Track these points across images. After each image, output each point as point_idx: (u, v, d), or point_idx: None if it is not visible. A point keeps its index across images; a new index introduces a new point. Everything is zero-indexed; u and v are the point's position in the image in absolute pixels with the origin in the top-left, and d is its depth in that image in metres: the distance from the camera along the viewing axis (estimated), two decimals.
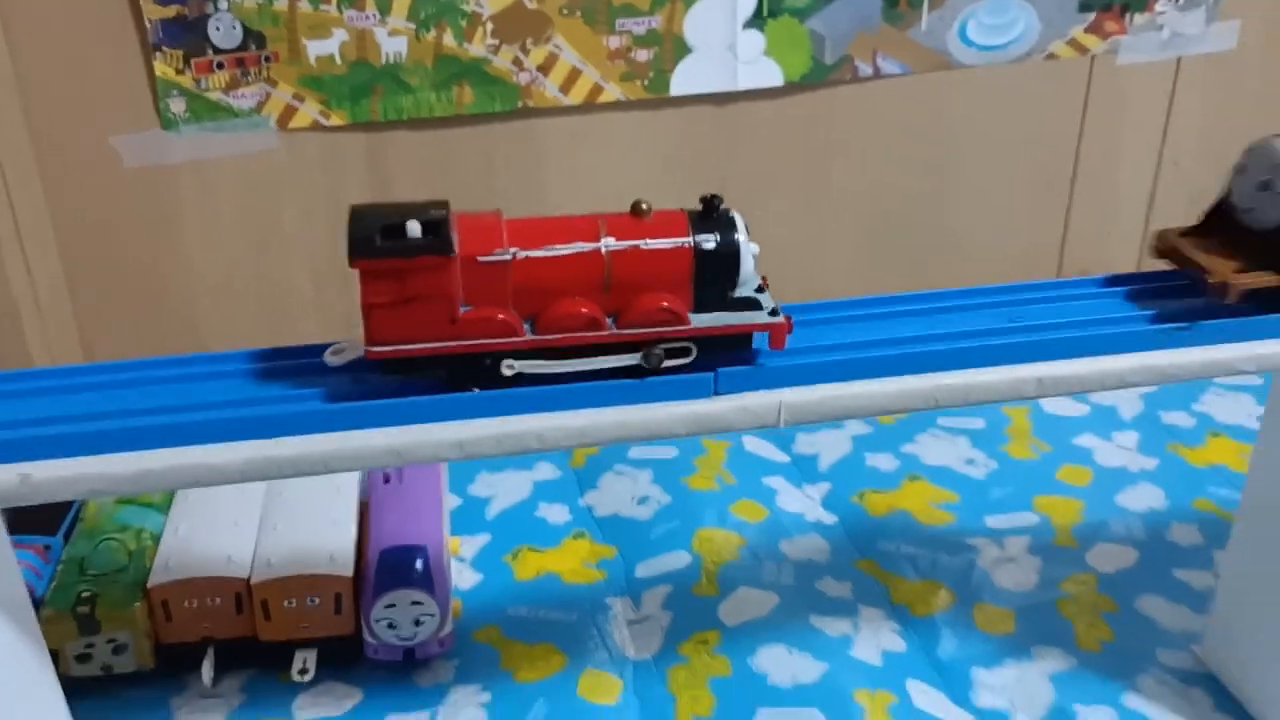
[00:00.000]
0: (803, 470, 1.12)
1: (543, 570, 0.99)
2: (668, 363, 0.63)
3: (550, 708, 0.84)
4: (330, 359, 0.63)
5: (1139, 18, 1.26)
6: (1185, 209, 1.37)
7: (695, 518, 1.04)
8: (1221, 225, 0.71)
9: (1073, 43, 1.26)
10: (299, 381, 0.63)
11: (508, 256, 0.60)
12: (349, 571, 0.86)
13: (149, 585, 0.84)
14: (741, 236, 0.62)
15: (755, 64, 1.19)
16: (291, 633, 0.86)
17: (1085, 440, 1.15)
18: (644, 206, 0.62)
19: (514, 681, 0.87)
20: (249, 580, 0.84)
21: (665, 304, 0.62)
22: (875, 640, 0.89)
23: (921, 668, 0.87)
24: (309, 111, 1.11)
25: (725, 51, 1.17)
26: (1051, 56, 1.26)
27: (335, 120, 1.12)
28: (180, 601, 0.84)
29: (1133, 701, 0.84)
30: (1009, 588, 0.95)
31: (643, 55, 1.16)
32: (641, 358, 0.62)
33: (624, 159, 1.21)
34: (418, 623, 0.85)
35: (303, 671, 0.86)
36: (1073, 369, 0.66)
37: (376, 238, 0.58)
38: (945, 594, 0.95)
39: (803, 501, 1.07)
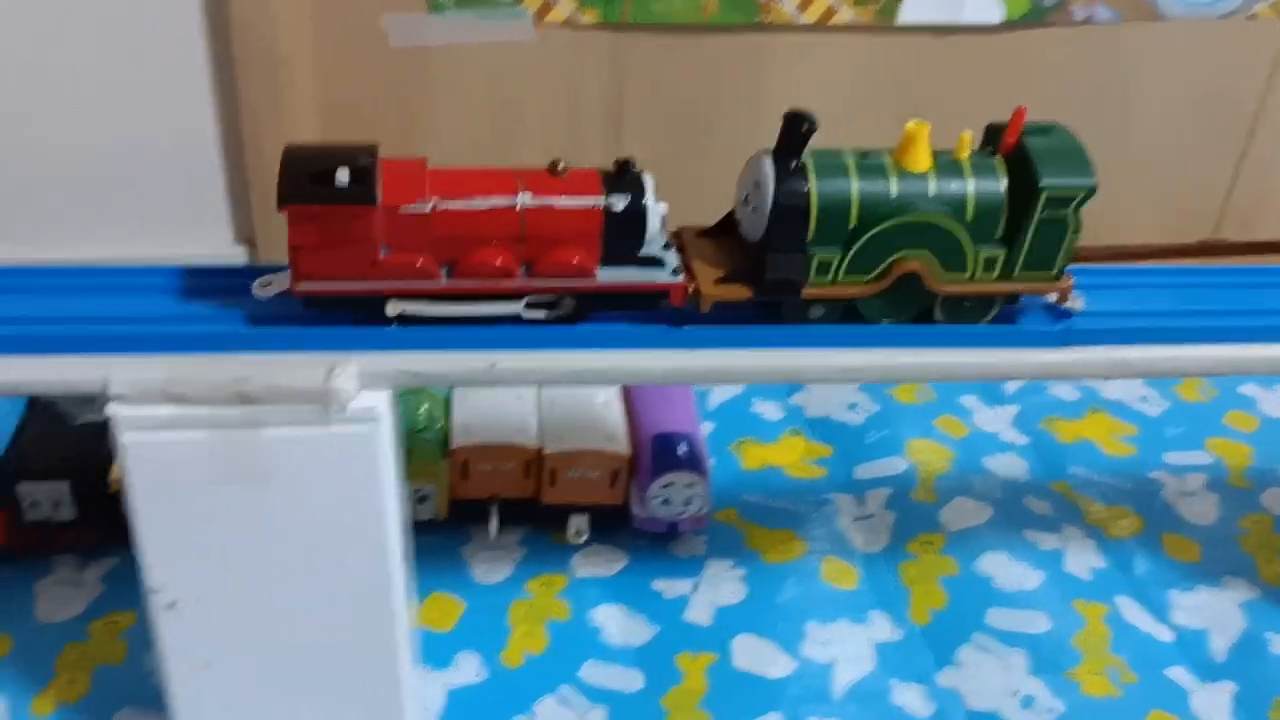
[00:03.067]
0: (990, 391, 1.21)
1: (765, 462, 1.09)
2: (532, 314, 0.66)
3: (800, 588, 0.94)
4: (258, 292, 0.66)
5: None
6: None
7: (903, 428, 1.13)
8: (733, 231, 0.70)
9: (1276, 5, 1.31)
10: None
11: (426, 208, 0.62)
12: (626, 451, 0.95)
13: (453, 446, 0.93)
14: (649, 199, 0.65)
15: None
16: (569, 499, 0.96)
17: (1249, 389, 1.24)
18: (560, 166, 0.65)
19: (762, 561, 0.97)
20: (541, 450, 0.94)
21: (575, 259, 0.65)
22: (1082, 557, 0.99)
23: (1124, 585, 0.97)
24: (564, 9, 1.16)
25: None
26: (1253, 17, 1.31)
27: (588, 18, 1.17)
28: (478, 462, 0.94)
29: None
30: (1191, 520, 1.05)
31: None
32: (550, 306, 0.66)
33: (839, 80, 1.26)
34: (688, 502, 0.95)
35: (578, 534, 0.96)
36: None
37: (306, 183, 0.60)
38: (1133, 519, 1.05)
39: (995, 422, 1.16)
